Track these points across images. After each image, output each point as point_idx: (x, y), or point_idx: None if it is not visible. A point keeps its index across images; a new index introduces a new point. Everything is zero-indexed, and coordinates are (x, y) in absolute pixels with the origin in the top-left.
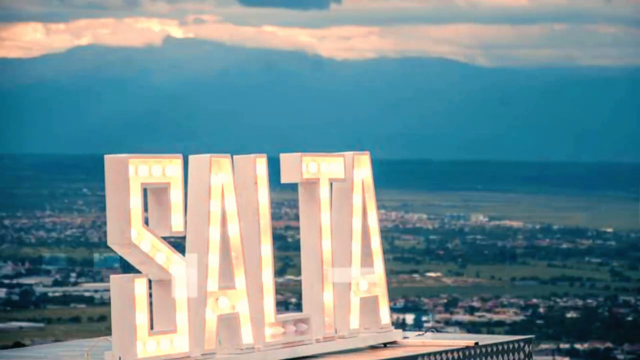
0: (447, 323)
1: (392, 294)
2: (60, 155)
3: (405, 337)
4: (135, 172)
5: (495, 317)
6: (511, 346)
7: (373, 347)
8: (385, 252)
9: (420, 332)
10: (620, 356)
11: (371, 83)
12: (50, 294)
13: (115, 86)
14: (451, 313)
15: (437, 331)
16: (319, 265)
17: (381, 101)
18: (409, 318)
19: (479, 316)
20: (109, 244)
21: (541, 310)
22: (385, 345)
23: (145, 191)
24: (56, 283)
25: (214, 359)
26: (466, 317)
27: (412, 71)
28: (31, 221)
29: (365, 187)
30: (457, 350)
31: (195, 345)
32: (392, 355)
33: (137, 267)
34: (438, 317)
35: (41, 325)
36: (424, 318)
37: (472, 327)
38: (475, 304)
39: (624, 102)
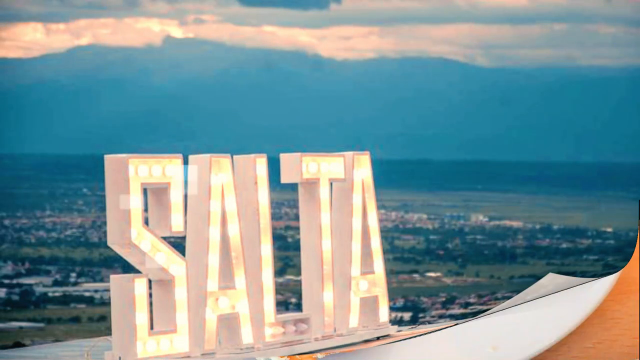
0: (441, 317)
1: (392, 294)
2: (60, 155)
3: (399, 331)
4: (135, 172)
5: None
6: None
7: (367, 341)
8: (385, 252)
9: (414, 326)
10: None
11: (371, 83)
12: (50, 294)
13: (115, 86)
14: (447, 309)
15: (429, 323)
16: (319, 265)
17: (381, 101)
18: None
19: (472, 309)
20: (109, 244)
21: None
22: (378, 338)
23: (145, 191)
24: (56, 283)
25: (214, 358)
26: (460, 311)
27: (412, 71)
28: (31, 221)
29: (365, 187)
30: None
31: (195, 345)
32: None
33: (137, 267)
34: (434, 312)
35: (41, 325)
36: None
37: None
38: (472, 300)
39: (624, 102)
